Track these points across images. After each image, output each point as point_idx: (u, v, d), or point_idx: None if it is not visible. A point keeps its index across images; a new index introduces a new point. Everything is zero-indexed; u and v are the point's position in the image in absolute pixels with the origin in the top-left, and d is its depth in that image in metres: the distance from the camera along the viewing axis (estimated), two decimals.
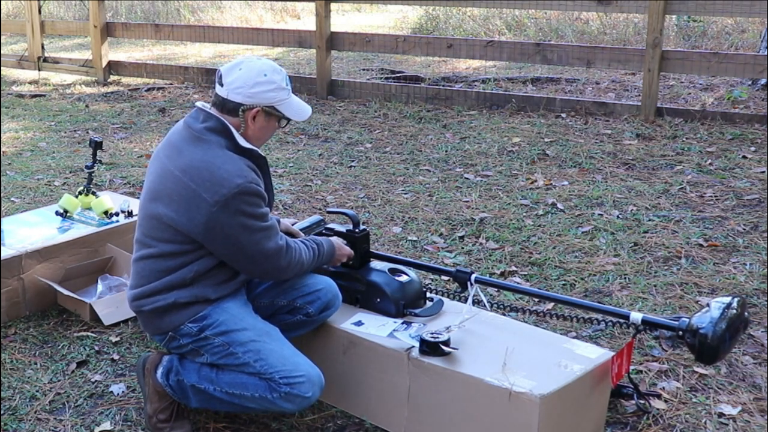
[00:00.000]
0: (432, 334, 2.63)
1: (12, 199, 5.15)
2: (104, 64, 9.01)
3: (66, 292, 3.57)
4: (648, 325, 2.70)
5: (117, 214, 3.95)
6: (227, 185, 2.45)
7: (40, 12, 9.45)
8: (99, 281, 3.72)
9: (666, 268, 3.89)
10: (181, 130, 2.61)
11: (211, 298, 2.58)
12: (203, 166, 2.49)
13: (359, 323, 2.82)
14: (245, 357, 2.51)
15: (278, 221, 3.05)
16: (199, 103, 2.64)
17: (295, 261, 2.64)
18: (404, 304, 2.86)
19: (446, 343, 2.59)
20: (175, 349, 2.65)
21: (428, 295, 2.99)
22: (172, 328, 2.59)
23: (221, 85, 2.56)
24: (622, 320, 2.76)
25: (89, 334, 3.42)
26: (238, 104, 2.55)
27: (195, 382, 2.58)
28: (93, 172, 4.06)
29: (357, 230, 2.98)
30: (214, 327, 2.55)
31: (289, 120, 2.66)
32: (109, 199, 4.01)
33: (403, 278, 2.92)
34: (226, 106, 2.56)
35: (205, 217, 2.46)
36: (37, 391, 3.01)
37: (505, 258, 4.04)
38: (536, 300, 3.53)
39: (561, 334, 3.08)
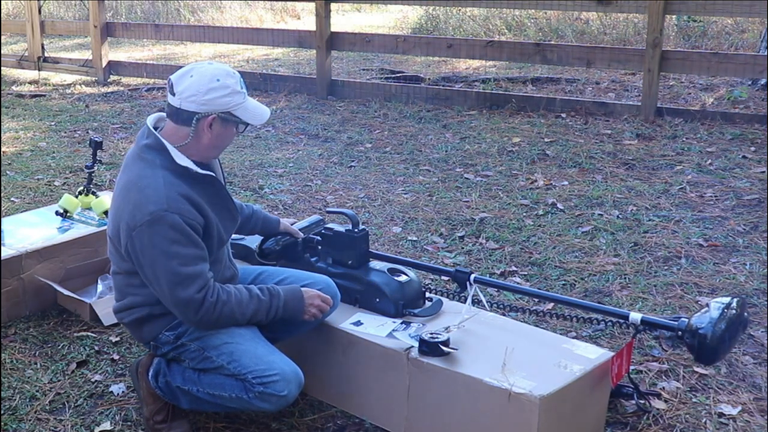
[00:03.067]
0: (431, 334, 2.63)
1: (12, 199, 5.15)
2: (104, 64, 9.01)
3: (66, 292, 3.57)
4: (647, 325, 2.70)
5: None
6: (143, 211, 2.37)
7: (40, 12, 9.45)
8: (99, 281, 3.72)
9: (666, 268, 3.89)
10: (133, 146, 2.58)
11: None
12: (131, 186, 2.45)
13: (358, 323, 2.82)
14: (219, 360, 2.50)
15: (278, 222, 3.05)
16: (150, 118, 2.56)
17: (214, 317, 2.45)
18: (403, 304, 2.85)
19: (445, 343, 2.59)
20: (160, 356, 2.68)
21: (427, 295, 2.99)
22: (151, 337, 2.62)
23: (173, 94, 2.44)
24: (621, 320, 2.76)
25: (89, 334, 3.42)
26: (191, 113, 2.42)
27: (180, 384, 2.60)
28: (93, 172, 4.06)
29: (356, 230, 2.98)
30: (189, 333, 2.56)
31: (247, 125, 2.53)
32: (109, 199, 3.99)
33: (403, 278, 2.91)
34: (179, 116, 2.45)
35: (125, 240, 2.44)
36: (37, 391, 3.01)
37: (505, 258, 4.04)
38: (536, 300, 3.53)
39: (561, 334, 3.08)
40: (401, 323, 2.81)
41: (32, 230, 3.84)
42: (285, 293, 2.59)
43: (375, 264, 3.00)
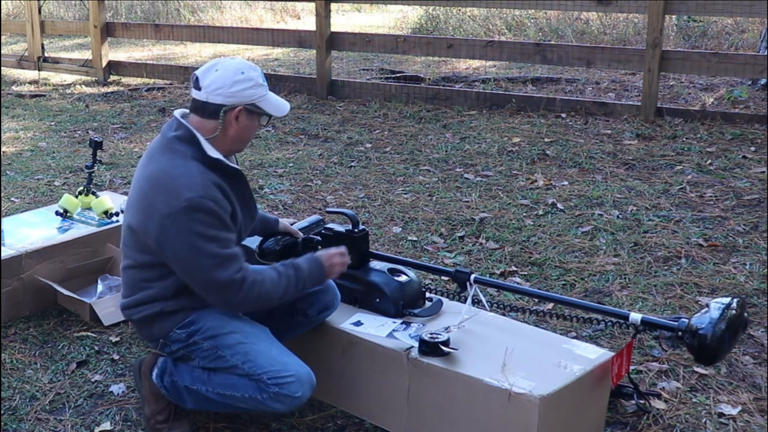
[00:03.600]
0: (431, 334, 2.63)
1: (12, 199, 5.15)
2: (104, 64, 9.01)
3: (66, 292, 3.57)
4: (647, 325, 2.70)
5: (117, 214, 3.95)
6: (178, 198, 2.39)
7: (40, 12, 9.45)
8: (99, 281, 3.72)
9: (666, 268, 3.89)
10: (158, 138, 2.60)
11: (196, 307, 2.57)
12: (162, 175, 2.45)
13: (358, 323, 2.82)
14: (233, 359, 2.50)
15: (277, 221, 3.05)
16: (177, 112, 2.59)
17: (254, 296, 2.47)
18: (403, 304, 2.85)
19: (445, 343, 2.59)
20: (168, 354, 2.66)
21: (427, 295, 2.99)
22: (161, 335, 2.60)
23: (198, 88, 2.50)
24: (621, 320, 2.76)
25: (89, 334, 3.42)
26: (219, 106, 2.48)
27: (188, 384, 2.59)
28: (93, 172, 4.06)
29: (356, 230, 2.98)
30: (202, 332, 2.55)
31: (270, 117, 2.60)
32: (109, 199, 4.01)
33: (403, 278, 2.91)
34: (206, 109, 2.49)
35: (157, 229, 2.42)
36: (37, 391, 3.01)
37: (505, 258, 4.04)
38: (536, 300, 3.53)
39: (561, 334, 3.08)
40: (401, 323, 2.81)
41: (32, 230, 3.84)
42: (306, 264, 2.61)
43: (375, 264, 3.00)
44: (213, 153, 2.50)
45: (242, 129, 2.54)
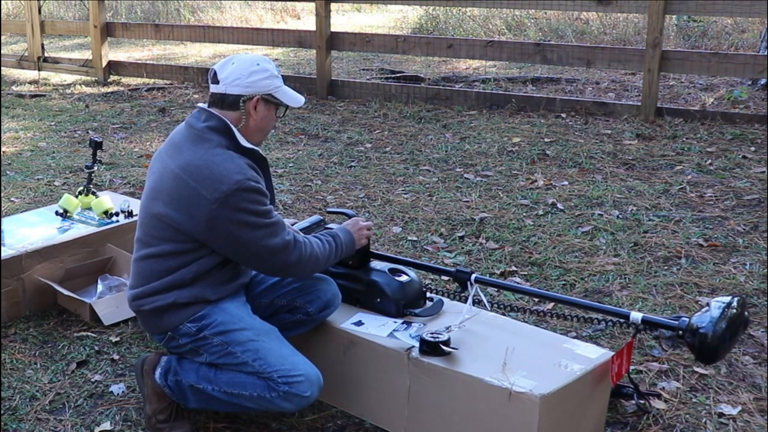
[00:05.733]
0: (432, 334, 2.63)
1: (12, 199, 5.15)
2: (104, 64, 9.01)
3: (66, 292, 3.57)
4: (648, 324, 2.70)
5: (117, 214, 3.95)
6: (227, 182, 2.45)
7: (40, 12, 9.45)
8: (99, 281, 3.72)
9: (666, 268, 3.89)
10: (183, 129, 2.63)
11: (210, 299, 2.58)
12: (203, 164, 2.50)
13: (359, 323, 2.82)
14: (244, 356, 2.51)
15: None
16: (201, 104, 2.65)
17: (307, 256, 2.60)
18: (404, 304, 2.86)
19: (446, 343, 2.59)
20: (174, 348, 2.65)
21: (428, 295, 2.99)
22: (171, 327, 2.60)
23: (216, 82, 2.58)
24: (622, 320, 2.76)
25: (89, 334, 3.42)
26: (237, 96, 2.56)
27: (193, 382, 2.58)
28: (93, 172, 4.06)
29: None
30: (212, 327, 2.56)
31: (286, 107, 2.66)
32: (109, 199, 4.01)
33: (403, 278, 2.92)
34: (225, 101, 2.57)
35: (206, 215, 2.47)
36: (37, 391, 3.01)
37: (505, 258, 4.04)
38: (536, 300, 3.53)
39: (561, 334, 3.08)
40: (402, 323, 2.81)
41: (32, 230, 3.84)
42: (342, 235, 2.78)
43: (376, 264, 3.00)
44: (245, 143, 2.57)
45: (261, 119, 2.62)
